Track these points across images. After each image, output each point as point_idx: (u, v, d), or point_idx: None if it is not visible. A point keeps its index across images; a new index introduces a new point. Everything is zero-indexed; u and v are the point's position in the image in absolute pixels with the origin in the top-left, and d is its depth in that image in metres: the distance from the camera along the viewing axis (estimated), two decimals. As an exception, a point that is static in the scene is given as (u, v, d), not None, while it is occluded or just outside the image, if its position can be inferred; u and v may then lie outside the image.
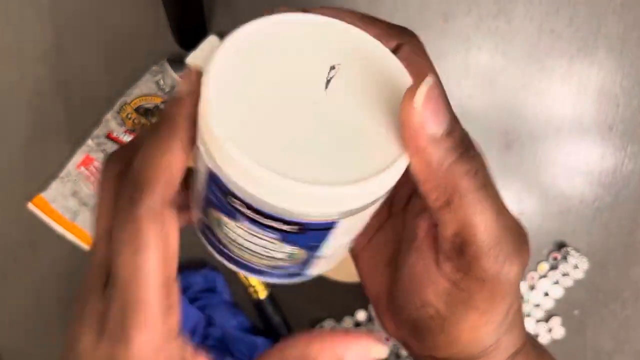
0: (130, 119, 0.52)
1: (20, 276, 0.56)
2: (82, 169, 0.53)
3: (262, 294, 0.55)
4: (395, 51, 0.24)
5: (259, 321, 0.56)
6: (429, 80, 0.21)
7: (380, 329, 0.29)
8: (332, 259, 0.26)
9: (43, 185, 0.54)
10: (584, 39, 0.57)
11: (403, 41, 0.25)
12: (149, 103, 0.52)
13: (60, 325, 0.57)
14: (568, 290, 0.59)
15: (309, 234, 0.22)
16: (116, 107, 0.53)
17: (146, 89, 0.52)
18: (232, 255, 0.26)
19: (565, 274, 0.59)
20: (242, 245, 0.24)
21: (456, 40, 0.57)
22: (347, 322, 0.58)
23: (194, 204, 0.26)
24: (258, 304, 0.55)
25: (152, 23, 0.54)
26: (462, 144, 0.21)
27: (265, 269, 0.26)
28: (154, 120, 0.52)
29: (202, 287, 0.54)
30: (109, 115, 0.53)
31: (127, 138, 0.53)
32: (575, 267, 0.58)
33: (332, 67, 0.23)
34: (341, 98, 0.22)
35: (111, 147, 0.53)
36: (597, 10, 0.56)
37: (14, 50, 0.54)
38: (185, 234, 0.58)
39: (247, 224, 0.23)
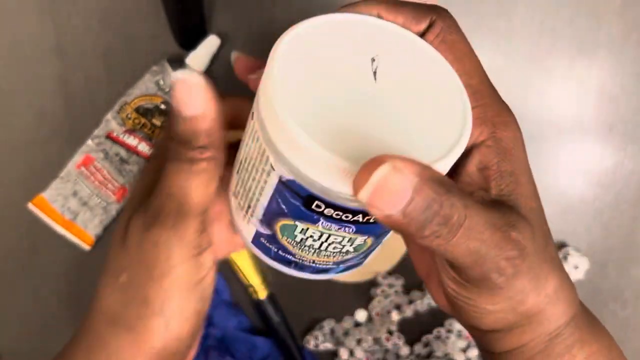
0: (130, 119, 0.52)
1: (20, 276, 0.56)
2: (82, 169, 0.53)
3: (262, 294, 0.55)
4: (428, 28, 0.26)
5: (259, 321, 0.56)
6: (380, 173, 0.20)
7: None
8: (383, 246, 0.29)
9: (43, 185, 0.54)
10: (584, 39, 0.57)
11: (434, 18, 0.26)
12: (149, 103, 0.52)
13: (60, 325, 0.57)
14: (568, 290, 0.59)
15: None
16: (116, 107, 0.53)
17: (146, 89, 0.52)
18: (298, 260, 0.27)
19: (565, 274, 0.59)
20: (312, 247, 0.25)
21: (456, 40, 0.56)
22: (347, 322, 0.58)
23: (247, 220, 0.27)
24: (258, 304, 0.55)
25: (152, 23, 0.54)
26: (423, 212, 0.21)
27: (331, 266, 0.27)
28: (154, 120, 0.52)
29: (202, 287, 0.54)
30: (109, 115, 0.53)
31: (127, 138, 0.53)
32: (576, 267, 0.58)
33: (373, 60, 0.24)
34: (392, 88, 0.24)
35: (111, 147, 0.53)
36: (597, 10, 0.56)
37: (14, 50, 0.54)
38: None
39: (325, 224, 0.24)
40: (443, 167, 0.22)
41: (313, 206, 0.23)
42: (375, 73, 0.24)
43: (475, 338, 0.30)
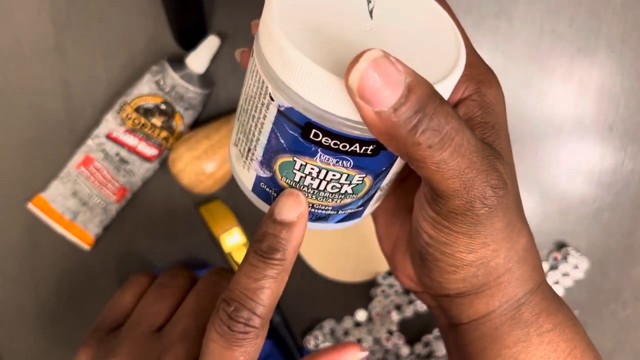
0: (130, 119, 0.52)
1: (20, 276, 0.56)
2: (82, 168, 0.53)
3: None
4: None
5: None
6: (371, 54, 0.20)
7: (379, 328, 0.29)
8: (379, 200, 0.29)
9: (43, 185, 0.54)
10: (584, 39, 0.57)
11: None
12: (149, 103, 0.52)
13: (60, 325, 0.57)
14: (568, 290, 0.59)
15: (380, 156, 0.25)
16: (116, 107, 0.53)
17: (146, 89, 0.52)
18: None
19: (565, 274, 0.59)
20: (311, 187, 0.26)
21: (456, 40, 0.56)
22: (347, 322, 0.58)
23: (247, 167, 0.28)
24: (258, 304, 0.55)
25: (152, 23, 0.54)
26: (416, 113, 0.21)
27: (330, 212, 0.28)
28: (154, 120, 0.52)
29: (202, 287, 0.54)
30: (109, 115, 0.53)
31: (127, 138, 0.53)
32: (576, 267, 0.58)
33: (369, 1, 0.25)
34: (387, 26, 0.25)
35: (111, 147, 0.53)
36: (597, 10, 0.56)
37: (14, 50, 0.54)
38: (185, 233, 0.58)
39: (323, 157, 0.24)
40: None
41: (311, 135, 0.23)
42: (371, 12, 0.25)
43: (441, 311, 0.30)
